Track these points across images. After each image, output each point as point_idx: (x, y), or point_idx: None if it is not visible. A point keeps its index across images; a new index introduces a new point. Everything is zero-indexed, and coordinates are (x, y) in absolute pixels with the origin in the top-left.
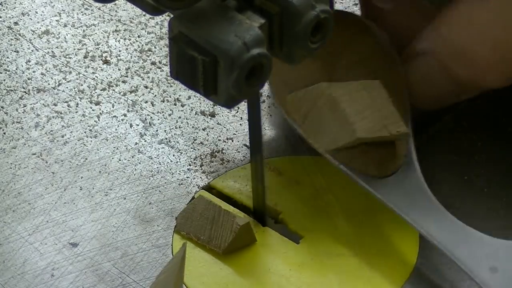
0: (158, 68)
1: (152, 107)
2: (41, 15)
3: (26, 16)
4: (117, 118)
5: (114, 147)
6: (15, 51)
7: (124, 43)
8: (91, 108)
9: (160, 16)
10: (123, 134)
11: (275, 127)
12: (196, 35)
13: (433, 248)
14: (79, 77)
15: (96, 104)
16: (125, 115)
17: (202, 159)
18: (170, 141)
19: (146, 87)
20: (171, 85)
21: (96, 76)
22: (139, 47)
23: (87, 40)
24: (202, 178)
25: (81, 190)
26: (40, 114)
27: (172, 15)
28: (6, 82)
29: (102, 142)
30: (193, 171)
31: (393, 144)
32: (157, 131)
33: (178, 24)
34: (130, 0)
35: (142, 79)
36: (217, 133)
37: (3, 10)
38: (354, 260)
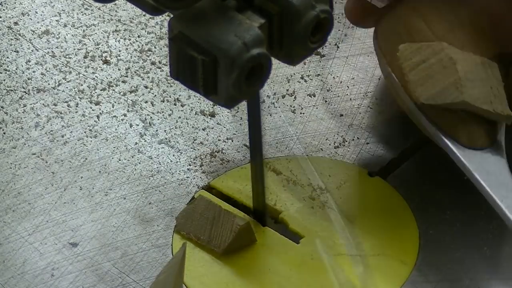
0: (158, 68)
1: (152, 107)
2: (41, 15)
3: (26, 16)
4: (117, 118)
5: (114, 147)
6: (15, 51)
7: (124, 43)
8: (91, 108)
9: (160, 16)
10: (123, 134)
11: (275, 127)
12: (196, 35)
13: (433, 248)
14: (79, 77)
15: (96, 104)
16: (125, 115)
17: (202, 159)
18: (170, 141)
19: (146, 87)
20: (171, 85)
21: (96, 76)
22: (139, 47)
23: (87, 40)
24: (202, 178)
25: (81, 190)
26: (40, 114)
27: (172, 15)
28: (6, 82)
29: (102, 142)
30: (193, 171)
31: (488, 122)
32: (157, 131)
33: (178, 24)
34: (130, 0)
35: (142, 79)
36: (217, 133)
37: (3, 10)
38: (354, 260)
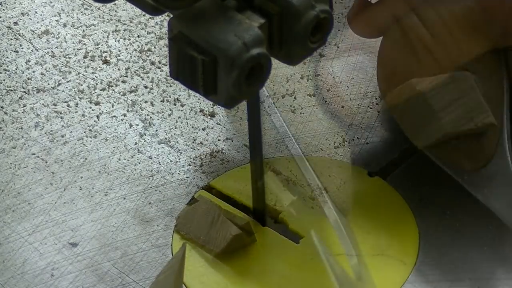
0: (157, 68)
1: (151, 107)
2: (40, 15)
3: (26, 16)
4: (116, 118)
5: (114, 147)
6: (15, 51)
7: (124, 43)
8: (90, 108)
9: (160, 16)
10: (123, 134)
11: (275, 127)
12: (196, 35)
13: (433, 248)
14: (79, 77)
15: (95, 104)
16: (124, 115)
17: (202, 159)
18: (170, 141)
19: (146, 87)
20: (171, 85)
21: (95, 76)
22: (139, 47)
23: (87, 40)
24: (202, 178)
25: (80, 190)
26: (40, 114)
27: (172, 15)
28: (6, 82)
29: (101, 142)
30: (193, 171)
31: (482, 135)
32: (156, 131)
33: (178, 24)
34: (130, 0)
35: (142, 79)
36: (217, 133)
37: (3, 10)
38: (354, 260)
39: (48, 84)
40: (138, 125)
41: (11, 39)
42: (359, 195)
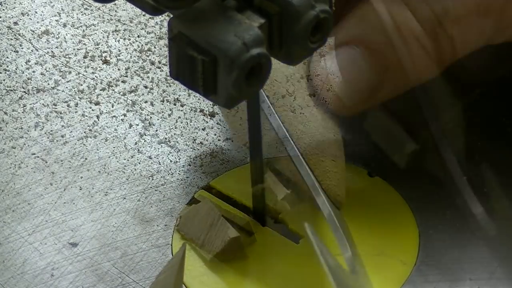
0: (157, 68)
1: (151, 107)
2: (40, 15)
3: (26, 16)
4: (116, 118)
5: (114, 147)
6: (15, 51)
7: (124, 43)
8: (90, 108)
9: (160, 16)
10: (123, 134)
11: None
12: (196, 35)
13: (433, 248)
14: (79, 77)
15: (95, 104)
16: (124, 115)
17: (202, 159)
18: (169, 141)
19: (146, 87)
20: (171, 85)
21: (95, 76)
22: (138, 47)
23: (87, 40)
24: (202, 178)
25: (80, 190)
26: (40, 114)
27: (172, 15)
28: (6, 82)
29: (101, 142)
30: (193, 171)
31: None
32: (156, 131)
33: (178, 24)
34: (130, 0)
35: (142, 79)
36: (217, 133)
37: (3, 10)
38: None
39: (48, 84)
40: (138, 125)
41: (11, 39)
42: (359, 195)
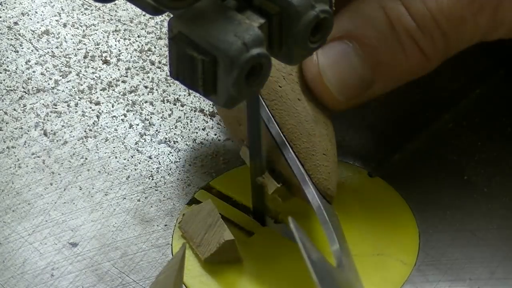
0: (158, 68)
1: (152, 107)
2: (41, 15)
3: (26, 16)
4: (116, 118)
5: (114, 147)
6: (15, 51)
7: (124, 43)
8: (90, 108)
9: (160, 16)
10: (123, 134)
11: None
12: (196, 35)
13: (433, 248)
14: (79, 77)
15: (95, 104)
16: (125, 115)
17: (202, 159)
18: (170, 141)
19: (146, 87)
20: (171, 85)
21: (96, 76)
22: (139, 47)
23: (87, 40)
24: (202, 178)
25: (80, 190)
26: (40, 114)
27: (172, 15)
28: (6, 82)
29: (101, 142)
30: (193, 171)
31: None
32: (157, 131)
33: (178, 24)
34: (130, 0)
35: (142, 79)
36: (217, 133)
37: (3, 10)
38: (354, 260)
39: (48, 84)
40: (138, 125)
41: (11, 39)
42: (359, 195)
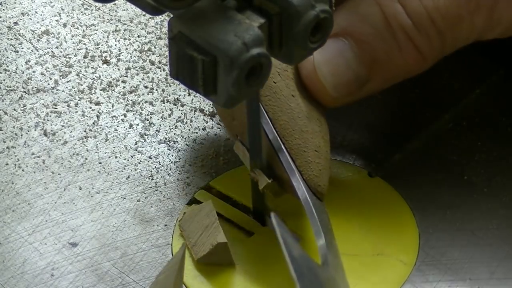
0: (158, 68)
1: (152, 107)
2: (41, 15)
3: (26, 16)
4: (116, 118)
5: (114, 147)
6: (15, 51)
7: (124, 43)
8: (90, 108)
9: (160, 16)
10: (123, 134)
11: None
12: (196, 35)
13: (433, 248)
14: (79, 77)
15: (95, 104)
16: (125, 115)
17: (202, 159)
18: (170, 141)
19: (146, 87)
20: (171, 85)
21: (96, 76)
22: (139, 47)
23: (87, 40)
24: (202, 178)
25: (80, 190)
26: (40, 114)
27: (172, 15)
28: (6, 82)
29: (101, 142)
30: (193, 171)
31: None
32: (157, 131)
33: (178, 24)
34: (130, 0)
35: (142, 79)
36: (217, 133)
37: (3, 10)
38: (354, 260)
39: (48, 84)
40: (138, 125)
41: (11, 39)
42: (359, 195)
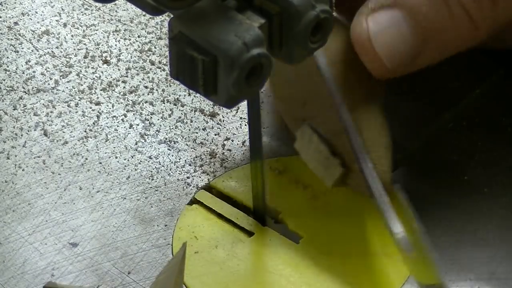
0: (158, 68)
1: (152, 107)
2: (41, 15)
3: (26, 16)
4: (117, 118)
5: (114, 147)
6: (15, 51)
7: (124, 43)
8: (91, 108)
9: (160, 16)
10: (123, 134)
11: (275, 127)
12: (196, 35)
13: (433, 248)
14: (79, 77)
15: (96, 104)
16: (125, 115)
17: (202, 159)
18: (170, 141)
19: (146, 87)
20: (171, 85)
21: (96, 76)
22: (139, 47)
23: (87, 40)
24: (202, 178)
25: (81, 190)
26: (40, 114)
27: (172, 15)
28: (6, 82)
29: (101, 142)
30: (193, 171)
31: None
32: (157, 131)
33: (178, 24)
34: (130, 0)
35: (142, 79)
36: (217, 133)
37: (3, 10)
38: (354, 260)
39: (48, 84)
40: (138, 125)
41: (11, 39)
42: (359, 195)
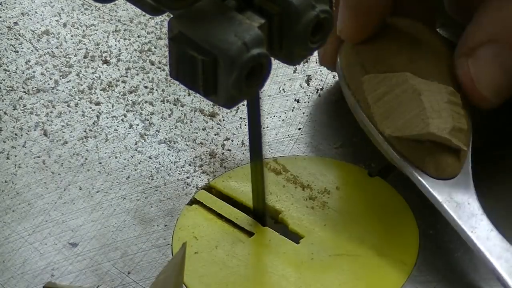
0: (158, 68)
1: (152, 107)
2: (41, 15)
3: (26, 16)
4: (116, 118)
5: (114, 147)
6: (15, 51)
7: (124, 43)
8: (90, 108)
9: (160, 16)
10: (123, 134)
11: (275, 127)
12: (196, 35)
13: (433, 248)
14: (79, 77)
15: (95, 104)
16: (125, 115)
17: (202, 159)
18: (170, 141)
19: (146, 87)
20: (171, 85)
21: (96, 76)
22: (139, 47)
23: (87, 40)
24: (202, 178)
25: (80, 190)
26: (40, 114)
27: (172, 15)
28: (6, 82)
29: (101, 142)
30: (193, 171)
31: (455, 151)
32: (157, 131)
33: (178, 24)
34: (130, 0)
35: (142, 79)
36: (217, 133)
37: (3, 10)
38: (354, 260)
39: (48, 84)
40: (138, 125)
41: (11, 39)
42: (359, 195)
